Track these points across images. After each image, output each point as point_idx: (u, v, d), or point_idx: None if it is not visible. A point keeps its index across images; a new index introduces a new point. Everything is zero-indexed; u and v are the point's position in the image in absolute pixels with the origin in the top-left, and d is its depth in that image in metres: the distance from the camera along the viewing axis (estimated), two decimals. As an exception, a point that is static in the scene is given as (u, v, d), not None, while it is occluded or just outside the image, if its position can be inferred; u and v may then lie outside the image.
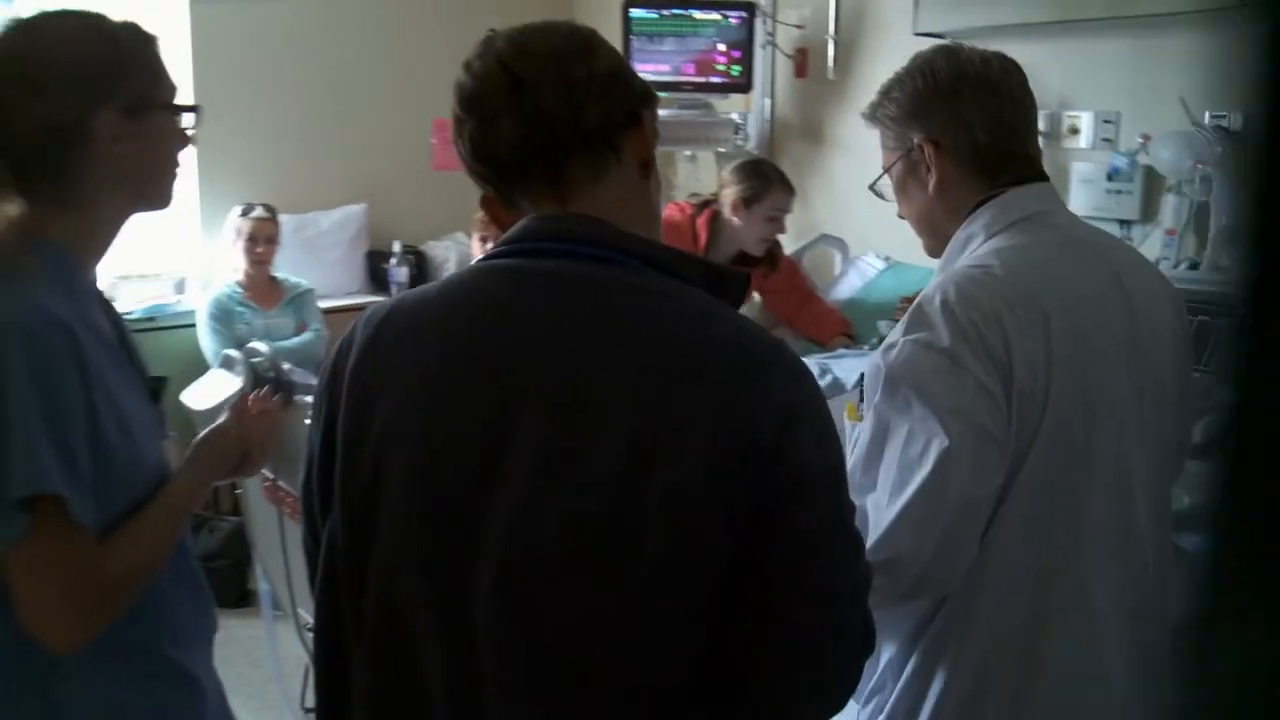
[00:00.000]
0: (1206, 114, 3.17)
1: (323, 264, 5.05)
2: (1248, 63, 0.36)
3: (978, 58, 1.52)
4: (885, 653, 1.51)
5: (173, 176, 1.49)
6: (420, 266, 5.20)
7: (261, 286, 4.53)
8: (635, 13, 4.45)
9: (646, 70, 4.27)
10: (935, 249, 1.62)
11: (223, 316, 4.40)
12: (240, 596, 4.11)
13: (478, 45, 1.22)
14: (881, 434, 1.41)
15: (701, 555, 1.04)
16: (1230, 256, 3.01)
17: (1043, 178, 1.55)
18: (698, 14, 4.47)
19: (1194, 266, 3.10)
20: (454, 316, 1.14)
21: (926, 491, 1.34)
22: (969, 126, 1.50)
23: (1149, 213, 3.41)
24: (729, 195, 3.44)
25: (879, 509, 1.39)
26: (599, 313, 1.09)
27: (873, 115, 1.63)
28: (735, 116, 4.66)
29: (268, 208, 4.53)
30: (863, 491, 1.41)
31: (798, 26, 4.57)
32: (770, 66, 4.69)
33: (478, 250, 4.67)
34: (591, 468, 1.02)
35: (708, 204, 3.54)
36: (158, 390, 1.54)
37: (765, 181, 3.42)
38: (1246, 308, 0.38)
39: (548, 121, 1.14)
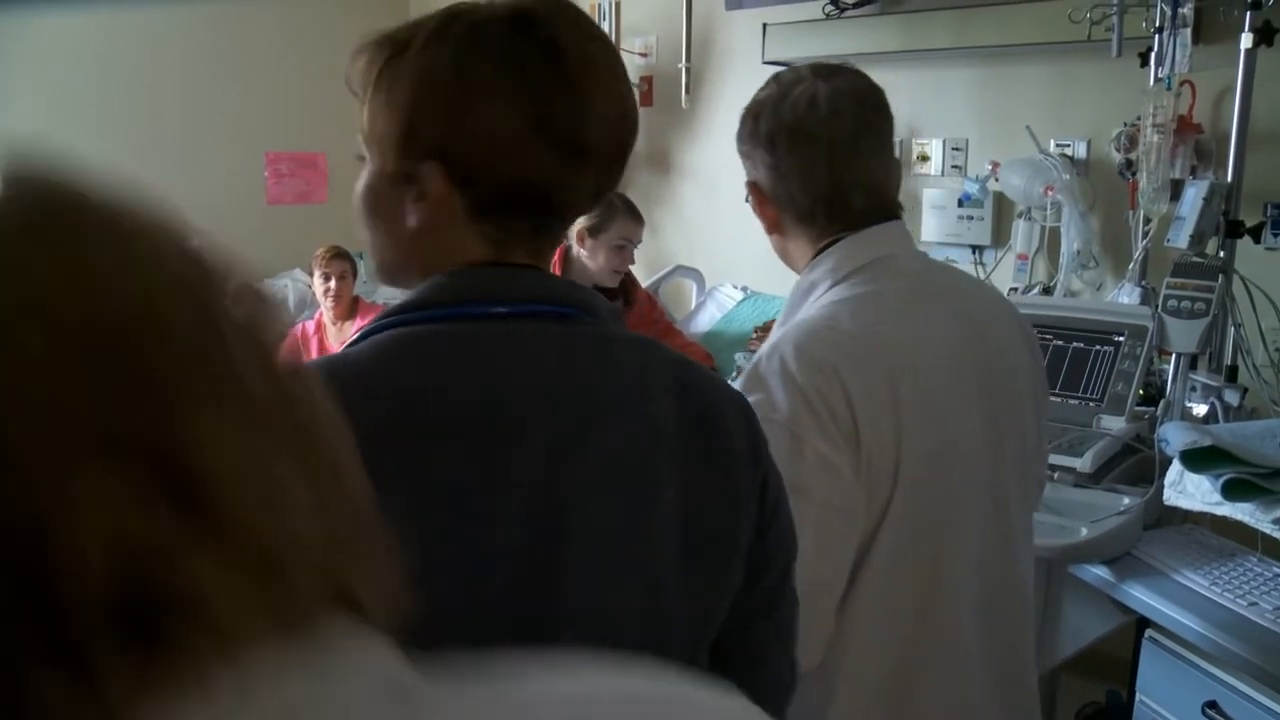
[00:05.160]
0: (1052, 142, 3.24)
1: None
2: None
3: (805, 100, 1.37)
4: None
5: None
6: (256, 306, 4.95)
7: None
8: (478, 41, 4.35)
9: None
10: None
11: None
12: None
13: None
14: None
15: (725, 603, 0.98)
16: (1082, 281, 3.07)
17: (893, 215, 1.43)
18: (543, 42, 4.39)
19: (1046, 291, 3.14)
20: (472, 385, 0.90)
21: None
22: (785, 179, 1.40)
23: (1000, 238, 3.45)
24: (575, 227, 3.35)
25: None
26: (602, 371, 0.95)
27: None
28: (583, 146, 4.59)
29: None
30: None
31: (642, 55, 4.54)
32: (616, 95, 4.63)
33: (319, 288, 4.46)
34: (651, 530, 0.92)
35: (558, 240, 3.44)
36: None
37: (610, 210, 3.33)
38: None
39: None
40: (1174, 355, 2.40)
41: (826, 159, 1.38)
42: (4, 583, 0.37)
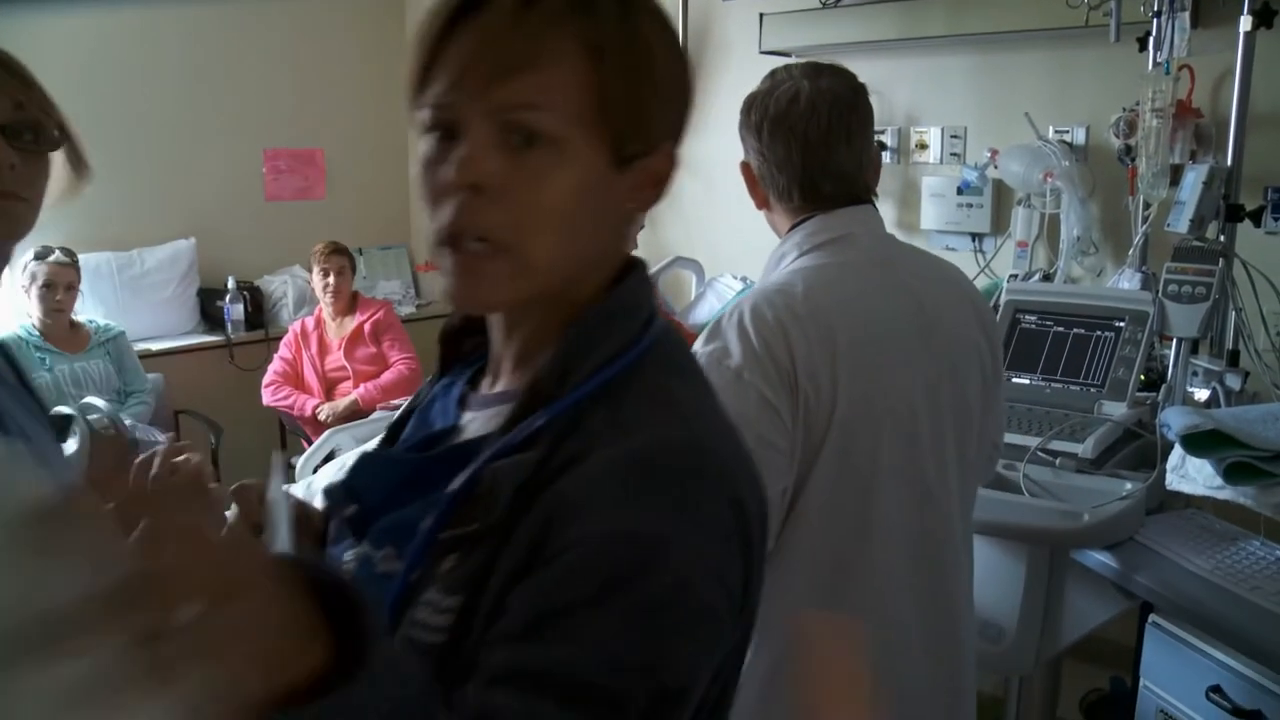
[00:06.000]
0: (1050, 128, 3.23)
1: (151, 304, 4.75)
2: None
3: (787, 96, 1.59)
4: None
5: None
6: (256, 302, 4.95)
7: (61, 332, 4.08)
8: (475, 34, 4.34)
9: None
10: None
11: None
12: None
13: None
14: None
15: None
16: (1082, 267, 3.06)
17: (862, 200, 1.64)
18: (539, 35, 4.38)
19: (1047, 278, 3.14)
20: None
21: None
22: (768, 162, 1.62)
23: (1000, 225, 3.45)
24: None
25: None
26: None
27: None
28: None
29: (67, 251, 4.05)
30: None
31: (641, 47, 4.52)
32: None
33: (318, 284, 4.46)
34: None
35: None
36: (64, 429, 1.33)
37: None
38: None
39: None
40: (1175, 340, 2.39)
41: (801, 148, 1.59)
42: None
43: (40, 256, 4.03)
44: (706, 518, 0.78)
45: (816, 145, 1.58)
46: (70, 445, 1.72)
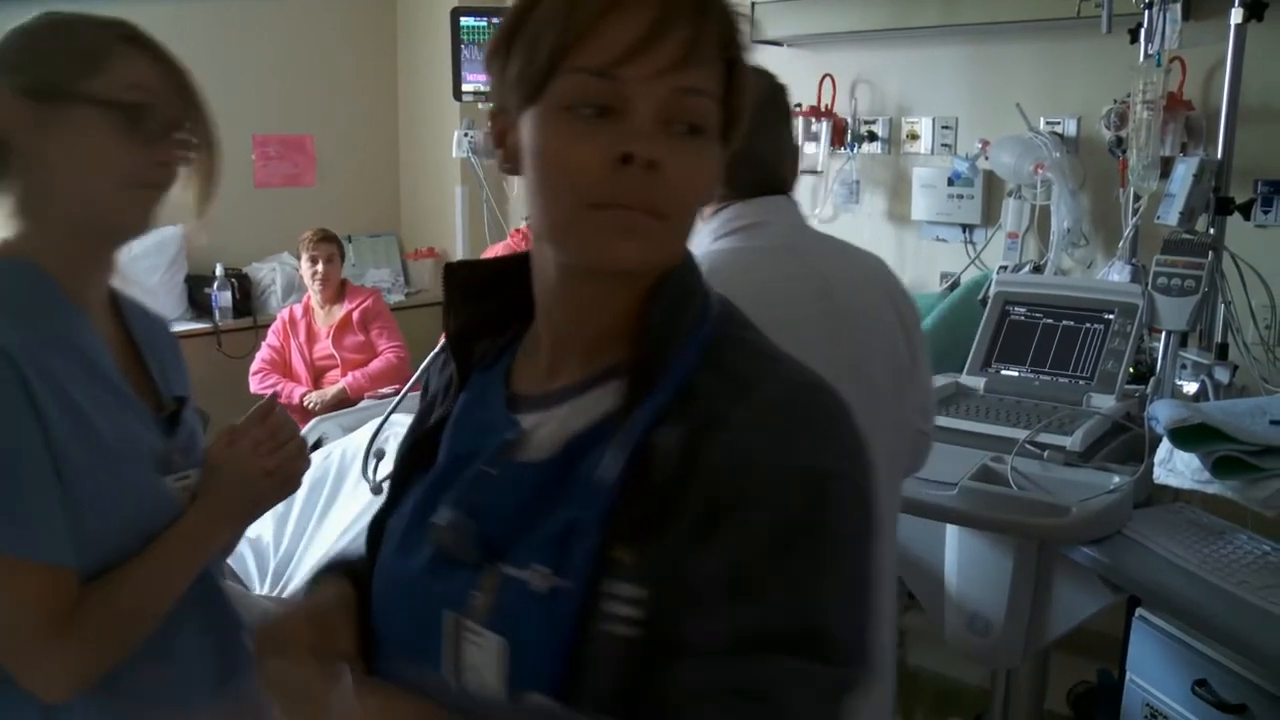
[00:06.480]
0: (1041, 120, 3.23)
1: (138, 291, 4.69)
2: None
3: None
4: None
5: (115, 190, 1.25)
6: (244, 290, 4.93)
7: None
8: (466, 21, 4.33)
9: (477, 80, 4.15)
10: None
11: None
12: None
13: None
14: None
15: None
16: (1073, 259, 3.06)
17: (779, 190, 1.70)
18: (530, 22, 4.37)
19: (1037, 269, 3.13)
20: None
21: None
22: None
23: (991, 216, 3.44)
24: None
25: None
26: None
27: None
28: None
29: None
30: None
31: (632, 35, 4.51)
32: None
33: (307, 272, 4.44)
34: None
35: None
36: (175, 414, 1.35)
37: None
38: None
39: None
40: (1164, 333, 2.39)
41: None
42: None
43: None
44: (854, 448, 0.83)
45: (751, 133, 1.66)
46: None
